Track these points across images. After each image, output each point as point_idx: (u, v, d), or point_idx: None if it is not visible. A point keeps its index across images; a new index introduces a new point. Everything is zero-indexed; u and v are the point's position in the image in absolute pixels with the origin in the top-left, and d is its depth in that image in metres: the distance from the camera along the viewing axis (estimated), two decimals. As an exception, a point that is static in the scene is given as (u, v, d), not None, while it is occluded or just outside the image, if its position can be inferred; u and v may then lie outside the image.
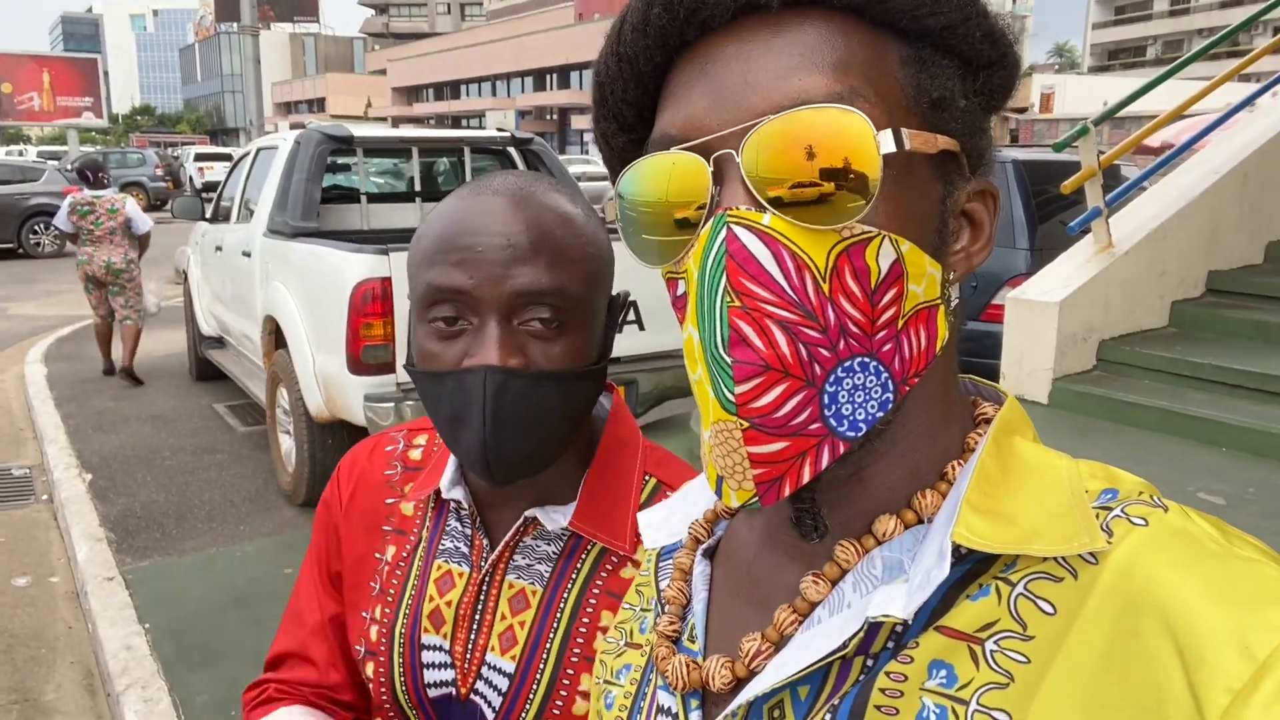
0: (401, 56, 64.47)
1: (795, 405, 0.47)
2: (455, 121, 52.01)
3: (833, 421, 0.47)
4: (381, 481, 0.99)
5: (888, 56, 0.49)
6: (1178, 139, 6.90)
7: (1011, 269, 5.14)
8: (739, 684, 0.54)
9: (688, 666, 0.56)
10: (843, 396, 0.47)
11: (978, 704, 0.45)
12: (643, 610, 0.67)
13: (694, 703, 0.56)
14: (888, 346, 0.48)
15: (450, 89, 59.15)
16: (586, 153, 34.38)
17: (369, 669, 0.93)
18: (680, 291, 0.51)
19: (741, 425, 0.47)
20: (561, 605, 0.86)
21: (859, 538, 0.52)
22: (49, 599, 3.88)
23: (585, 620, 0.86)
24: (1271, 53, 5.34)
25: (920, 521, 0.51)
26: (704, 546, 0.63)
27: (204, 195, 7.28)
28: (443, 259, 0.80)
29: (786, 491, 0.48)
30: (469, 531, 0.91)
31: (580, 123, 45.36)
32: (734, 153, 0.47)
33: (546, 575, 0.87)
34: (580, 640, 0.86)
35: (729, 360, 0.46)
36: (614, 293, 0.90)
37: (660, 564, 0.67)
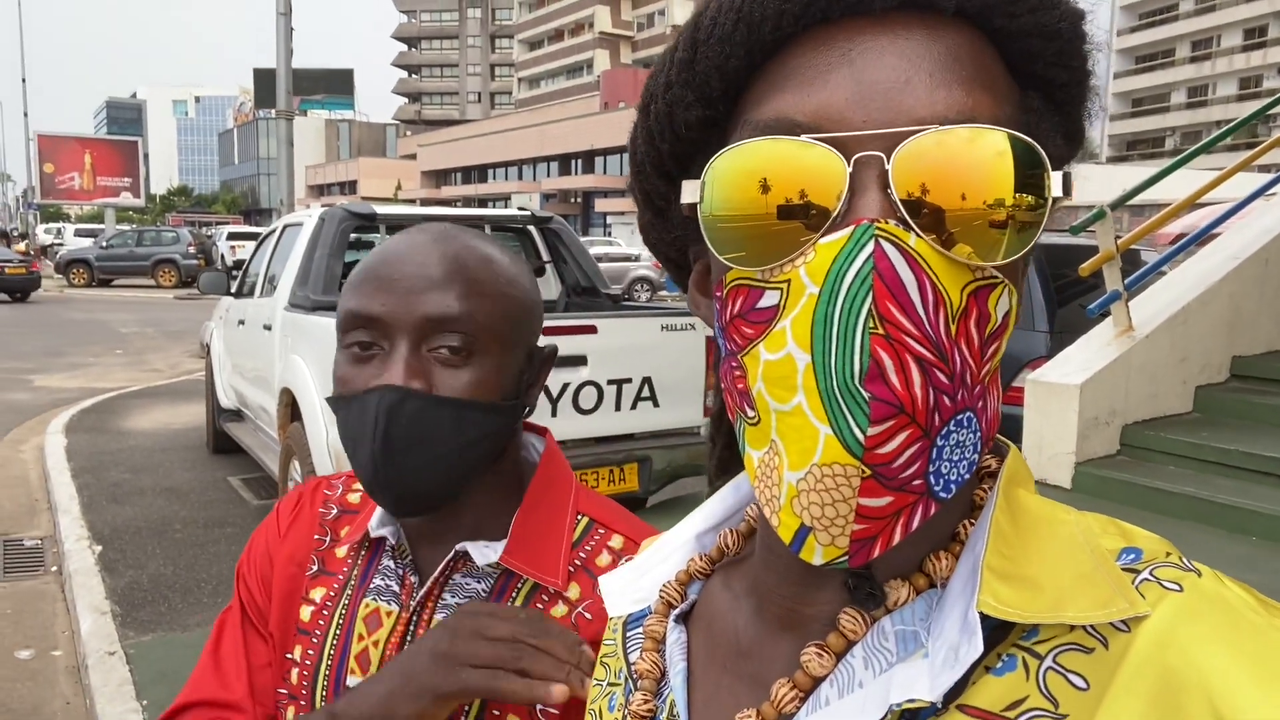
0: (431, 142, 66.35)
1: (910, 456, 0.41)
2: (481, 203, 53.12)
3: (933, 479, 0.42)
4: (315, 521, 0.98)
5: (1014, 94, 0.46)
6: (1193, 227, 6.92)
7: (1031, 351, 5.10)
8: None
9: None
10: (947, 452, 0.43)
11: None
12: (610, 685, 0.61)
13: None
14: (981, 403, 0.44)
15: (478, 173, 60.64)
16: (609, 234, 34.95)
17: (289, 713, 0.91)
18: (766, 303, 0.44)
19: (864, 473, 0.40)
20: None
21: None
22: (50, 673, 3.81)
23: None
24: (1286, 143, 5.37)
25: (932, 586, 0.47)
26: (677, 611, 0.57)
27: (232, 272, 7.41)
28: (363, 287, 0.84)
29: (876, 553, 0.42)
30: (400, 570, 0.90)
31: (603, 205, 46.19)
32: (884, 157, 0.42)
33: None
34: None
35: (865, 395, 0.40)
36: (541, 344, 0.92)
37: (628, 633, 0.61)
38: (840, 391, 0.40)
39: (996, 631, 0.44)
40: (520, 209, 6.33)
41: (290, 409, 4.76)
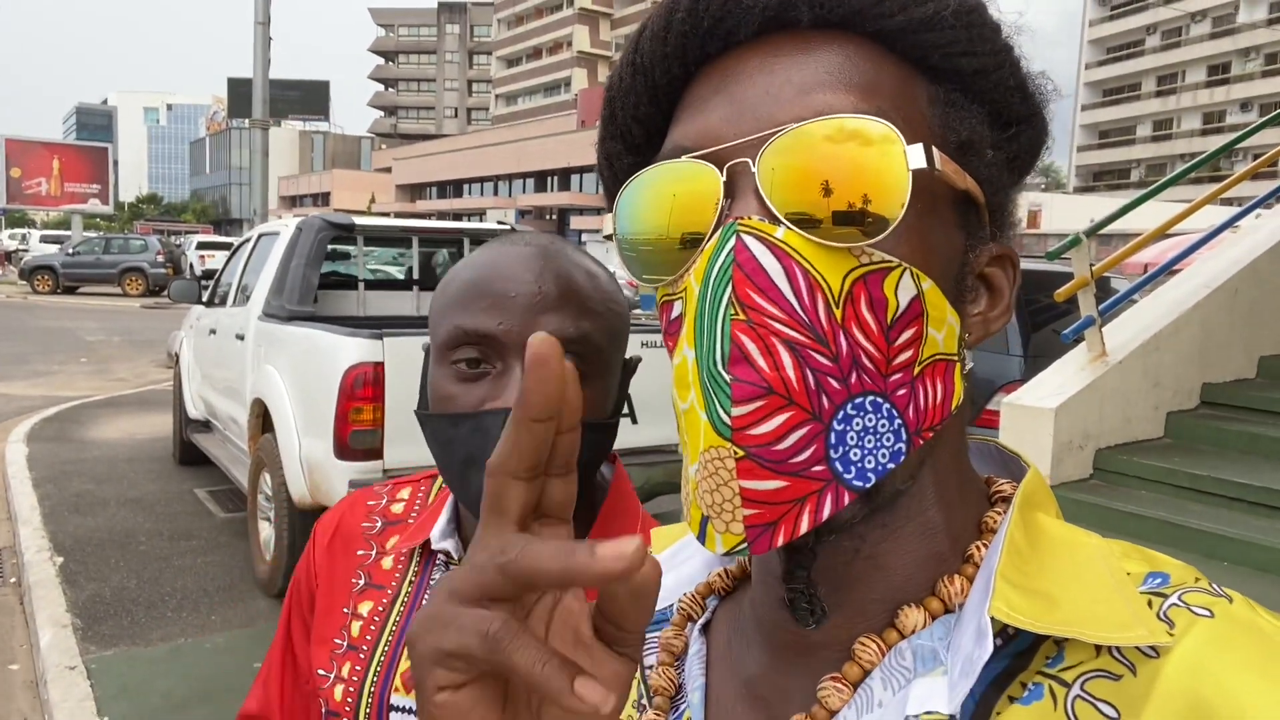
0: (407, 155, 66.14)
1: (799, 439, 0.41)
2: (456, 218, 52.92)
3: (839, 465, 0.42)
4: (358, 535, 0.96)
5: (916, 91, 0.47)
6: (1162, 257, 7.04)
7: (1005, 375, 5.14)
8: None
9: None
10: (851, 438, 0.42)
11: None
12: None
13: None
14: (902, 391, 0.44)
15: (453, 188, 60.49)
16: (584, 253, 34.88)
17: None
18: (676, 314, 0.46)
19: (736, 454, 0.41)
20: None
21: (880, 632, 0.46)
22: (8, 687, 3.70)
23: None
24: (1250, 178, 5.49)
25: (948, 611, 0.46)
26: (700, 622, 0.56)
27: (202, 281, 7.31)
28: (472, 303, 0.81)
29: (780, 541, 0.42)
30: None
31: (579, 223, 46.25)
32: (749, 161, 0.44)
33: None
34: None
35: (727, 378, 0.41)
36: (627, 356, 0.90)
37: (647, 633, 0.60)
38: (709, 378, 0.42)
39: (1019, 659, 0.43)
40: (499, 223, 6.31)
41: (262, 420, 4.68)
